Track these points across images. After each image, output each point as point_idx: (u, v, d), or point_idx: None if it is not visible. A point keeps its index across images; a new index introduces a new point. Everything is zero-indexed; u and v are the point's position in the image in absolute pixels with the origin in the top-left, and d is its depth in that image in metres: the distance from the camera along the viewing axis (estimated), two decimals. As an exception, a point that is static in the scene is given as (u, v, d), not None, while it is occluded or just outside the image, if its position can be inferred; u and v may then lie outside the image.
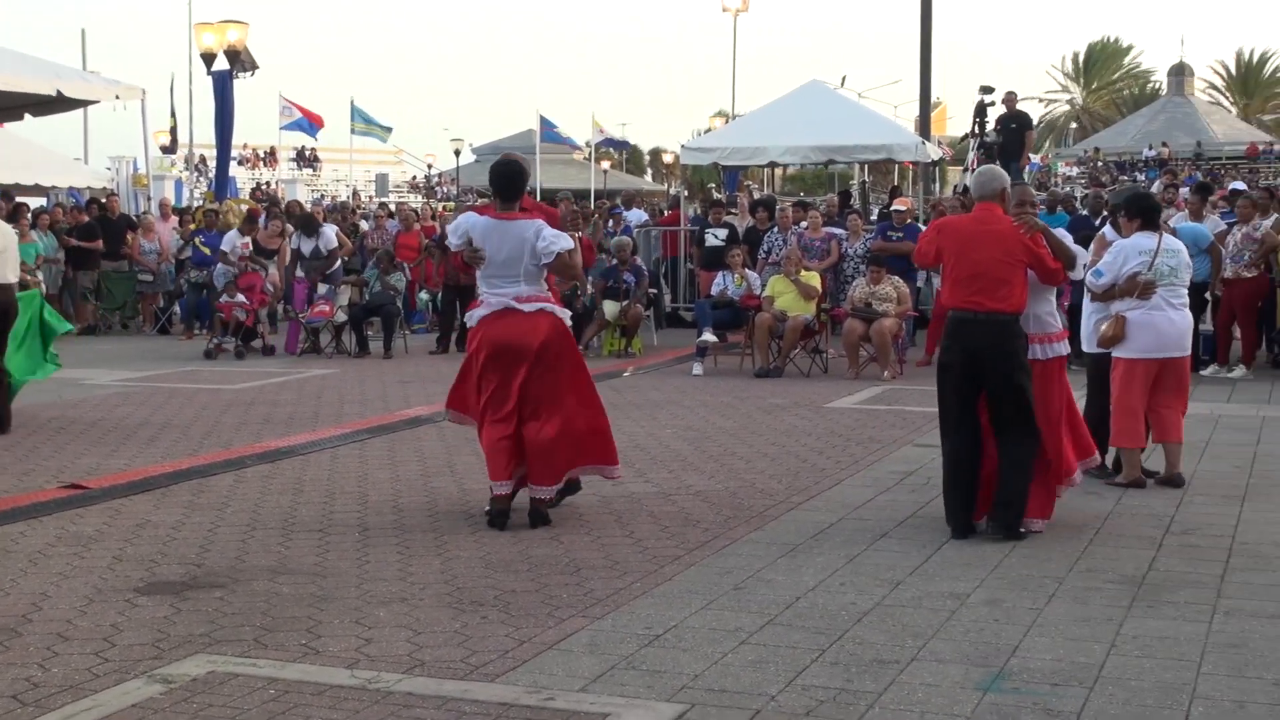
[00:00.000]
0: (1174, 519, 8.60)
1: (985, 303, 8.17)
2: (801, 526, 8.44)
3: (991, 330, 8.17)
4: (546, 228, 8.51)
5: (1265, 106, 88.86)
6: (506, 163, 8.76)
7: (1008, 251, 8.23)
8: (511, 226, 8.49)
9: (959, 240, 8.39)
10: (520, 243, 8.46)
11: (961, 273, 8.29)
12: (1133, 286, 9.46)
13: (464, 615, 6.58)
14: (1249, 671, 5.74)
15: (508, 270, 8.50)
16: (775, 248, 18.67)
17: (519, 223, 8.50)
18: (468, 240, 8.58)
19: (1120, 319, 9.50)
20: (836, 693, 5.50)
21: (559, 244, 8.48)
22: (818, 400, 14.10)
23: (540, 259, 8.48)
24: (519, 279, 8.50)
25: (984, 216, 8.44)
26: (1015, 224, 8.30)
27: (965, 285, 8.26)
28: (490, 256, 8.51)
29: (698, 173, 41.47)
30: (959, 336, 8.29)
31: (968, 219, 8.67)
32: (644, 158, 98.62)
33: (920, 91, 28.58)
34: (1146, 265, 9.46)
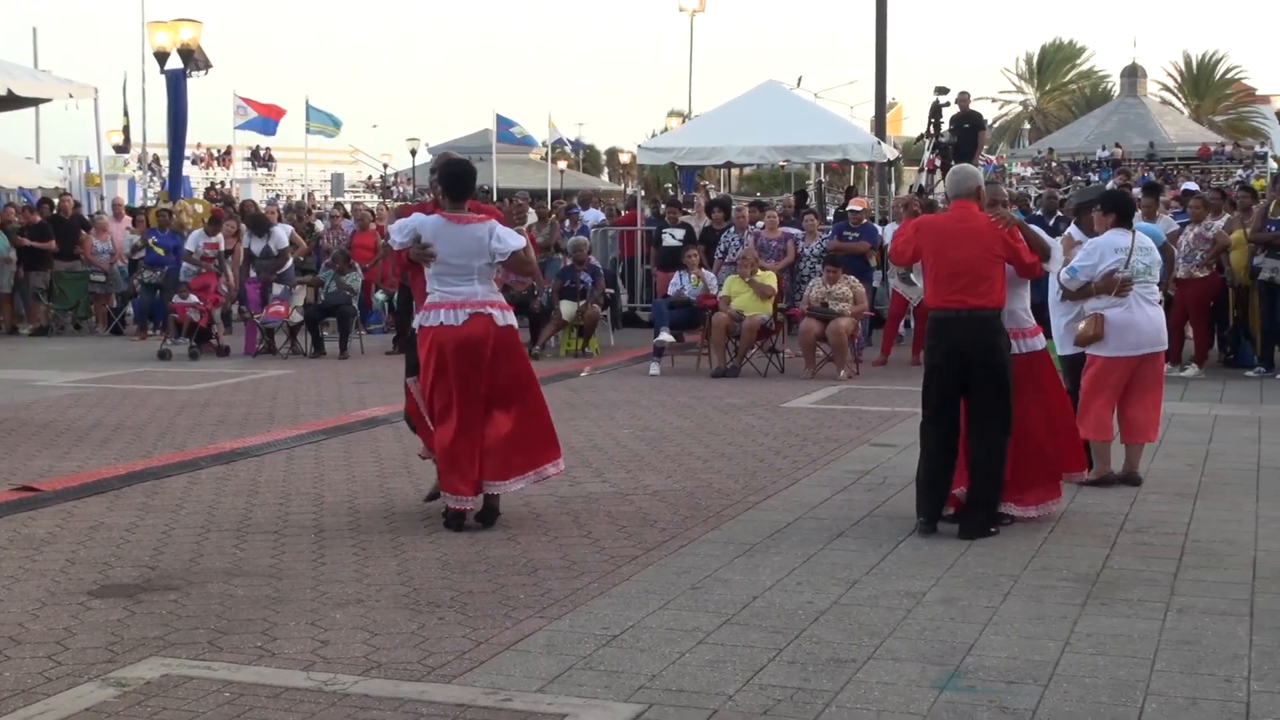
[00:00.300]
0: (1128, 517, 8.66)
1: (968, 300, 8.22)
2: (758, 526, 8.45)
3: (975, 327, 8.22)
4: (500, 227, 8.52)
5: (1217, 108, 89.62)
6: (457, 162, 8.73)
7: (987, 248, 8.28)
8: (466, 227, 8.45)
9: (938, 239, 8.42)
10: (475, 243, 8.43)
11: (942, 271, 8.32)
12: (1110, 284, 9.44)
13: (421, 616, 6.57)
14: (1201, 668, 5.78)
15: (462, 270, 8.46)
16: (732, 248, 18.72)
17: (473, 224, 8.47)
18: (416, 238, 8.49)
19: (1099, 318, 9.47)
20: (794, 692, 5.51)
21: (514, 243, 8.49)
22: (774, 400, 14.13)
23: (495, 258, 8.48)
24: (473, 279, 8.47)
25: (961, 214, 8.49)
26: (992, 219, 8.36)
27: (947, 284, 8.29)
28: (443, 256, 8.44)
29: (654, 173, 41.47)
30: (943, 335, 8.31)
31: (945, 217, 8.68)
32: (601, 158, 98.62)
33: (876, 92, 28.67)
34: (1123, 263, 9.45)
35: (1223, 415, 12.77)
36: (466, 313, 8.42)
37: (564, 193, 48.69)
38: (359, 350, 19.12)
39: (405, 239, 8.54)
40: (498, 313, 8.52)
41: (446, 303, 8.45)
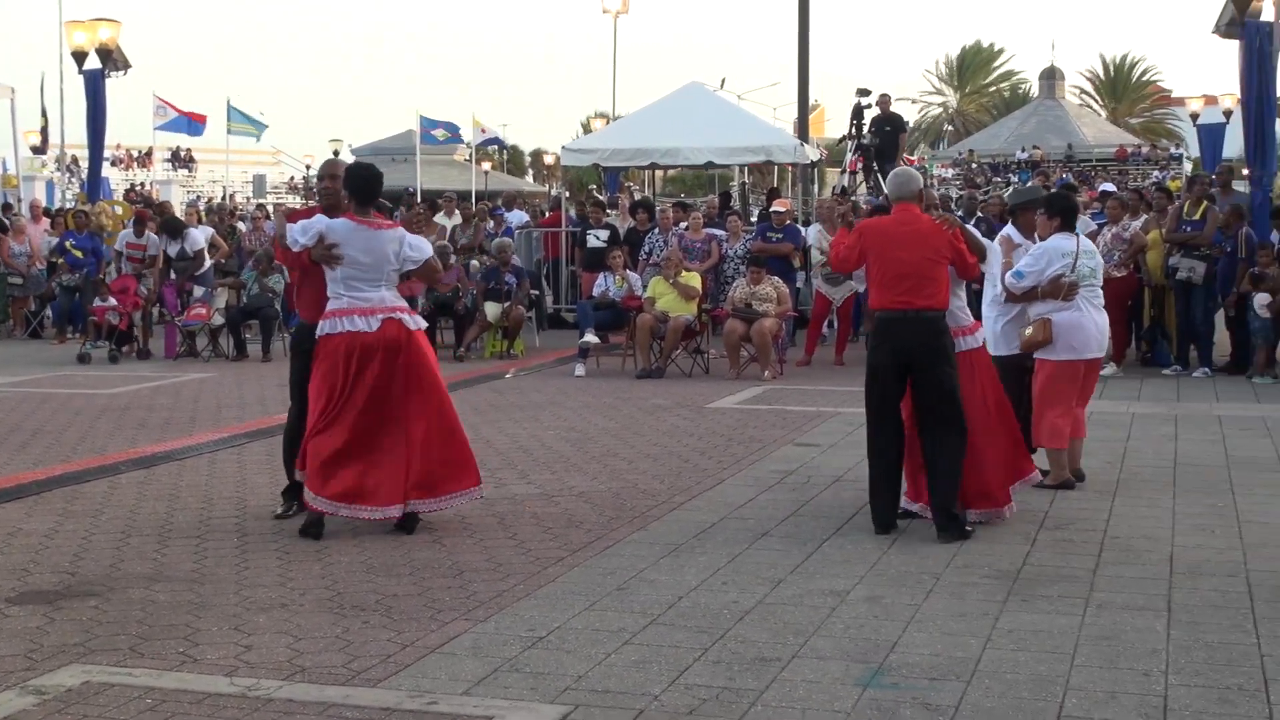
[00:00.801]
0: (1048, 514, 8.76)
1: (914, 301, 8.28)
2: (684, 526, 8.48)
3: (921, 328, 8.29)
4: (410, 235, 8.53)
5: (1133, 110, 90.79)
6: (365, 166, 8.70)
7: (932, 249, 8.38)
8: (378, 233, 8.39)
9: (883, 241, 8.46)
10: (385, 249, 8.38)
11: (888, 273, 8.37)
12: (1057, 289, 9.44)
13: (345, 620, 6.53)
14: (1120, 663, 5.86)
15: (371, 275, 8.37)
16: (656, 249, 18.75)
17: (385, 229, 8.42)
18: (319, 239, 8.38)
19: (1047, 322, 9.44)
20: (719, 691, 5.53)
21: (424, 251, 8.53)
22: (699, 400, 14.17)
23: (405, 265, 8.45)
24: (381, 284, 8.40)
25: (905, 217, 8.55)
26: (936, 221, 8.46)
27: (893, 286, 8.34)
28: (352, 261, 8.35)
29: (578, 174, 41.47)
30: (889, 336, 8.35)
31: (889, 220, 8.67)
32: (525, 159, 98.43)
33: (798, 94, 28.79)
34: (1069, 267, 9.47)
35: (1140, 413, 12.95)
36: (379, 318, 8.34)
37: (488, 194, 48.58)
38: (282, 352, 18.94)
39: (309, 241, 8.41)
40: (408, 318, 8.47)
41: (357, 309, 8.34)
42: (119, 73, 25.78)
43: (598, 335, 17.04)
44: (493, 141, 50.46)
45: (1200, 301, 15.94)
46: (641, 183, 42.67)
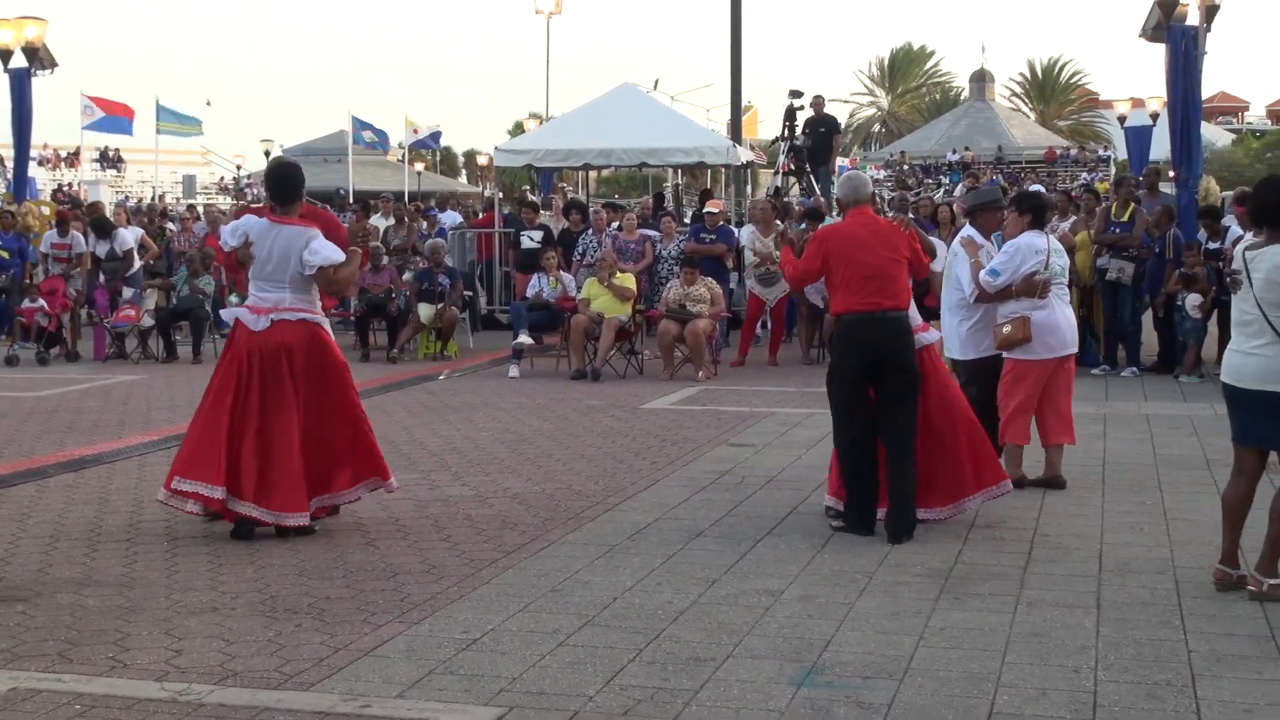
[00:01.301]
0: (979, 513, 8.83)
1: (882, 302, 8.37)
2: (618, 527, 8.48)
3: (890, 328, 8.39)
4: (318, 239, 8.30)
5: (1062, 112, 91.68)
6: (280, 164, 8.68)
7: (894, 250, 8.50)
8: (284, 231, 8.32)
9: (847, 245, 8.48)
10: (289, 249, 8.29)
11: (855, 276, 8.39)
12: (1032, 287, 9.46)
13: (278, 624, 6.49)
14: (1050, 660, 5.92)
15: (276, 276, 8.32)
16: (590, 249, 18.75)
17: (291, 229, 8.32)
18: (245, 241, 8.38)
19: (1025, 320, 9.44)
20: (654, 691, 5.54)
21: (323, 256, 8.26)
22: (633, 401, 14.18)
23: (305, 270, 8.29)
24: (284, 286, 8.31)
25: (864, 219, 8.62)
26: (894, 222, 8.54)
27: (861, 288, 8.37)
28: (260, 259, 8.32)
29: (512, 175, 41.39)
30: (860, 339, 8.38)
31: (850, 224, 8.66)
32: (458, 160, 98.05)
33: (731, 96, 28.86)
34: (1042, 264, 9.49)
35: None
36: (269, 319, 8.26)
37: (421, 195, 48.39)
38: (213, 354, 18.77)
39: (236, 241, 8.41)
40: (306, 321, 8.32)
41: (253, 307, 8.31)
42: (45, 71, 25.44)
43: (532, 336, 17.01)
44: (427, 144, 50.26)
45: (1128, 302, 16.14)
46: (575, 184, 42.61)
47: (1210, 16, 18.57)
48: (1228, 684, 5.60)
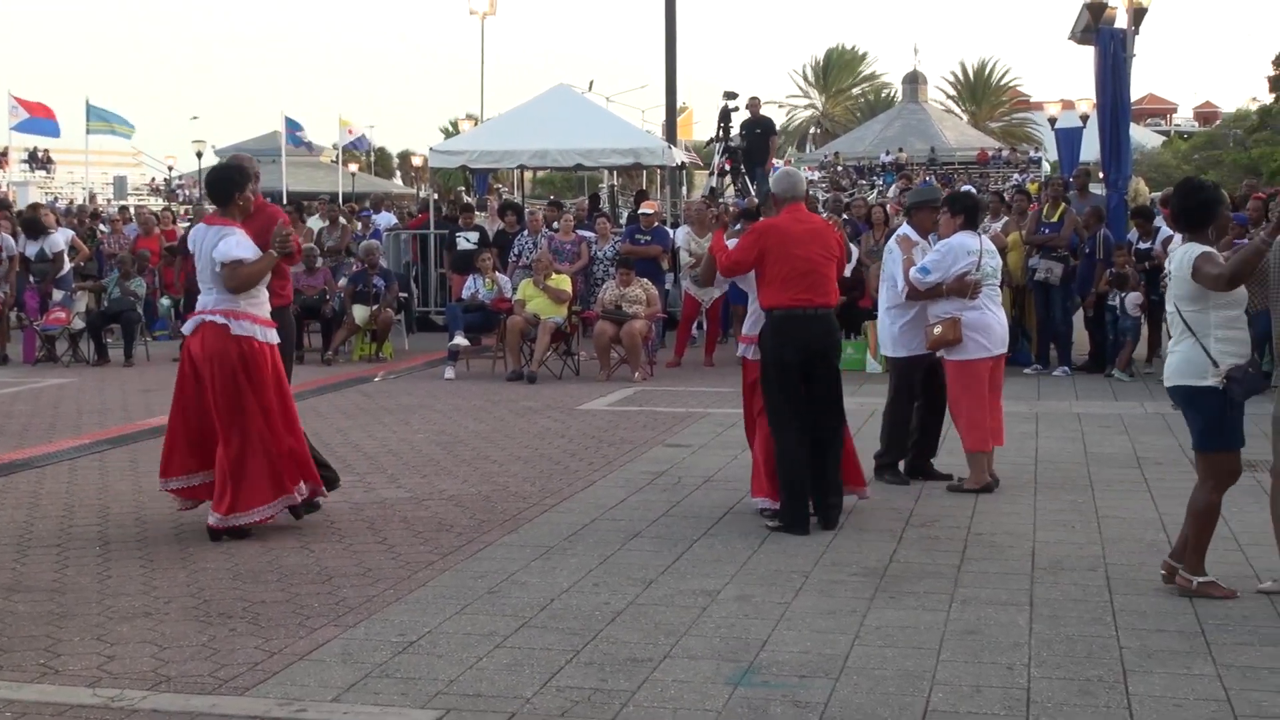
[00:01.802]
0: (914, 512, 8.89)
1: (814, 299, 8.51)
2: (555, 528, 8.48)
3: (823, 324, 8.60)
4: (229, 236, 8.21)
5: (993, 114, 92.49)
6: (215, 167, 8.69)
7: (826, 248, 8.66)
8: (207, 233, 8.33)
9: (784, 240, 8.55)
10: (205, 249, 8.30)
11: (791, 271, 8.49)
12: (964, 287, 9.51)
13: (211, 628, 6.44)
14: (984, 657, 5.97)
15: (204, 278, 8.36)
16: (525, 251, 18.72)
17: (212, 229, 8.31)
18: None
19: (956, 321, 9.50)
20: (591, 693, 5.54)
21: (222, 253, 8.17)
22: (570, 402, 14.17)
23: (215, 266, 8.24)
24: (211, 288, 8.32)
25: (800, 216, 8.75)
26: (828, 221, 8.64)
27: (796, 283, 8.48)
28: (197, 263, 8.42)
29: (446, 176, 41.24)
30: (795, 334, 8.48)
31: (786, 219, 8.73)
32: (393, 160, 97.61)
33: (666, 97, 28.88)
34: (974, 265, 9.55)
35: (1003, 411, 13.14)
36: (194, 322, 8.36)
37: (355, 196, 48.13)
38: (144, 357, 18.63)
39: (192, 247, 8.56)
40: (229, 323, 8.25)
41: (190, 311, 8.42)
42: (-28, 72, 25.15)
43: (467, 338, 16.98)
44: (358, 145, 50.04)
45: (1059, 302, 16.29)
46: (510, 185, 42.53)
47: (1138, 19, 18.75)
48: (1158, 679, 5.67)
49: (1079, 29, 19.36)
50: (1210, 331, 6.82)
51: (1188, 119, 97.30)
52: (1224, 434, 6.89)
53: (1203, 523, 6.93)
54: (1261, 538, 8.09)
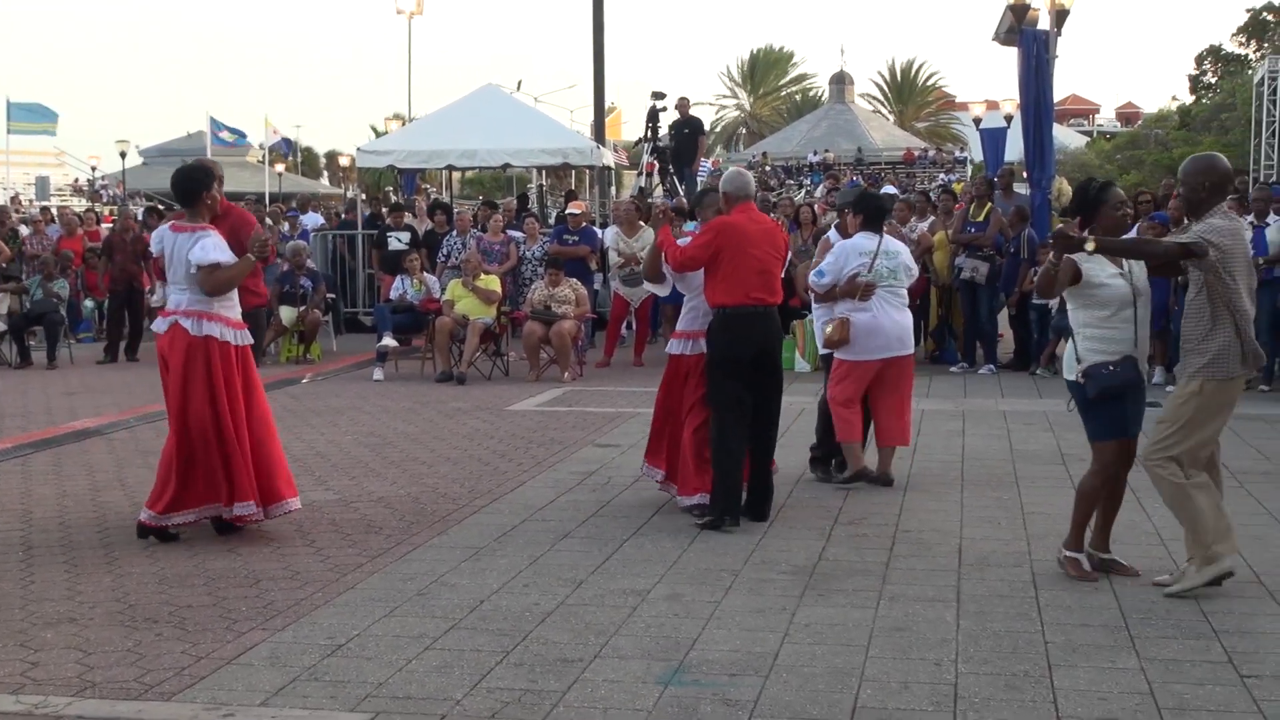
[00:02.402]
0: (842, 510, 8.95)
1: (766, 298, 8.68)
2: (484, 529, 8.46)
3: (772, 323, 8.78)
4: (206, 239, 8.19)
5: (919, 114, 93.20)
6: (182, 168, 8.67)
7: (776, 247, 8.84)
8: (180, 235, 8.31)
9: (740, 239, 8.63)
10: (179, 251, 8.28)
11: (748, 269, 8.60)
12: (853, 288, 9.59)
13: (137, 633, 6.38)
14: (913, 653, 6.02)
15: (177, 279, 8.35)
16: (454, 251, 18.65)
17: (185, 233, 8.30)
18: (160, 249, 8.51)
19: (845, 321, 9.58)
20: (521, 694, 5.54)
21: (200, 255, 8.16)
22: (499, 403, 14.14)
23: (191, 269, 8.23)
24: (185, 289, 8.31)
25: (753, 215, 8.88)
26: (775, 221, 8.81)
27: (750, 282, 8.60)
28: (167, 265, 8.40)
29: (374, 176, 41.00)
30: (746, 331, 8.60)
31: (741, 219, 8.78)
32: (320, 160, 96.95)
33: (594, 97, 28.89)
34: (866, 266, 9.58)
35: (929, 410, 13.28)
36: (168, 322, 8.32)
37: (282, 196, 47.78)
38: (68, 360, 18.41)
39: (155, 249, 8.57)
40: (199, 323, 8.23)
41: (165, 310, 8.43)
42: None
43: (396, 339, 16.90)
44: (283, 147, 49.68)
45: (984, 301, 16.44)
46: (439, 185, 42.38)
47: (1060, 21, 18.99)
48: (1083, 673, 5.74)
49: (1003, 30, 19.57)
50: (1080, 329, 7.19)
51: (1110, 119, 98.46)
52: (1097, 424, 7.19)
53: (1080, 503, 7.30)
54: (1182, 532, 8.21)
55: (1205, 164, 7.04)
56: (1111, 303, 7.07)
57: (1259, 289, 14.21)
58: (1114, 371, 7.03)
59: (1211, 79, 45.97)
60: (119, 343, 18.82)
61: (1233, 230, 6.82)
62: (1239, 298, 6.77)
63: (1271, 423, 12.38)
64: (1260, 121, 28.16)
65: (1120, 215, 7.16)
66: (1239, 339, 6.77)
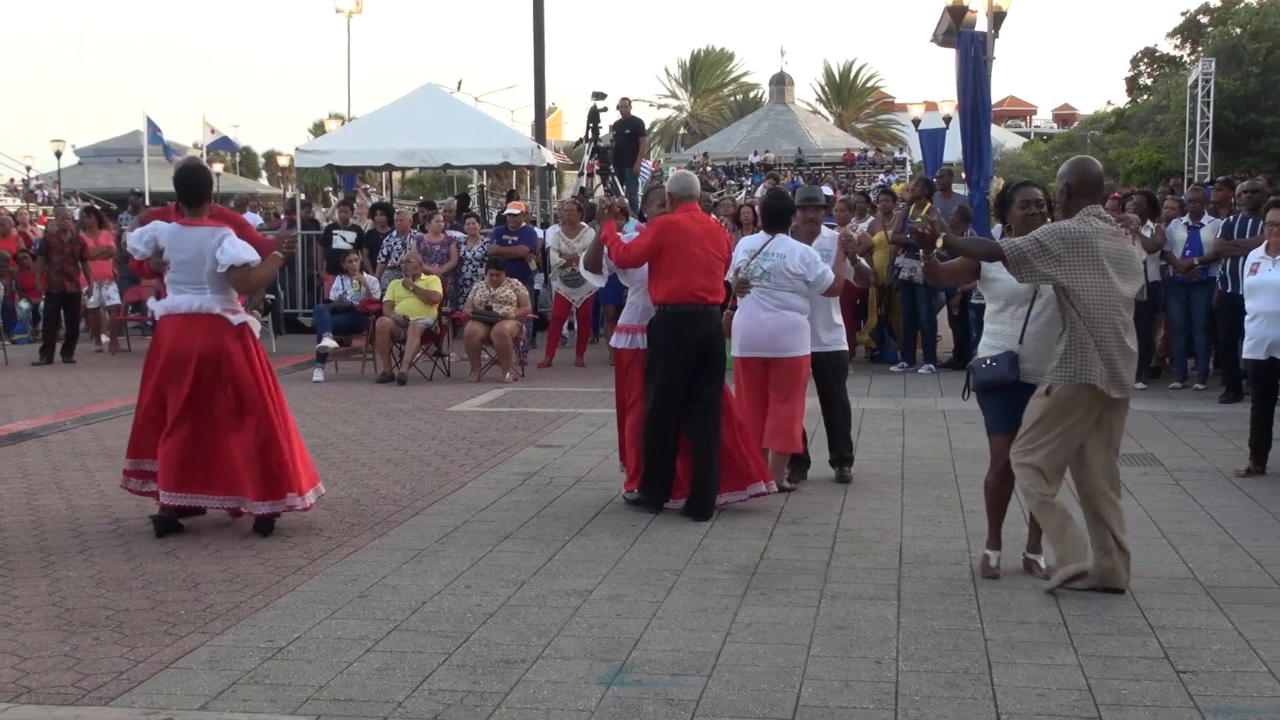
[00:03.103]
0: (784, 509, 8.98)
1: (707, 296, 8.85)
2: (426, 531, 8.43)
3: (713, 321, 8.93)
4: (230, 237, 8.35)
5: (859, 115, 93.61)
6: (191, 167, 8.79)
7: (719, 247, 9.01)
8: (195, 232, 8.34)
9: (684, 237, 8.80)
10: (201, 249, 8.30)
11: (691, 267, 8.78)
12: (736, 284, 9.65)
13: (75, 637, 6.31)
14: (854, 651, 6.05)
15: (192, 276, 8.34)
16: (394, 251, 18.58)
17: (203, 229, 8.34)
18: (156, 247, 8.43)
19: (727, 317, 9.62)
20: (464, 695, 5.52)
21: (232, 255, 8.29)
22: (440, 404, 14.10)
23: (219, 268, 8.32)
24: (204, 286, 8.34)
25: (697, 215, 9.03)
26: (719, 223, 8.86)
27: (694, 280, 8.79)
28: (175, 263, 8.36)
29: (313, 175, 40.77)
30: (688, 328, 8.77)
31: (684, 218, 8.95)
32: (258, 160, 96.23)
33: (535, 97, 28.84)
34: (745, 263, 9.55)
35: (870, 409, 13.36)
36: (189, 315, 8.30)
37: (220, 196, 47.41)
38: (3, 361, 18.20)
39: (145, 249, 8.48)
40: (225, 319, 8.37)
41: (172, 309, 8.36)
42: None
43: (336, 339, 16.82)
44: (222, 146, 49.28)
45: (924, 300, 16.55)
46: (379, 185, 42.18)
47: (998, 23, 19.16)
48: (1022, 670, 5.79)
49: (941, 32, 19.72)
50: (985, 325, 7.40)
51: (1047, 120, 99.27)
52: (986, 417, 7.39)
53: (986, 499, 7.47)
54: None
55: (1070, 166, 7.13)
56: (1001, 297, 7.21)
57: (1193, 288, 14.60)
58: (990, 367, 7.16)
59: (1147, 80, 46.42)
60: (55, 345, 18.63)
61: (1078, 234, 6.76)
62: (1078, 302, 6.74)
63: (1206, 420, 12.52)
64: (1194, 123, 28.46)
65: (1025, 214, 7.23)
66: (1093, 344, 6.75)
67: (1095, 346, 6.75)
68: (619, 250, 8.99)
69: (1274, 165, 33.70)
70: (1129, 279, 6.91)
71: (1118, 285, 6.81)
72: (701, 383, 8.80)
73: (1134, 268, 7.01)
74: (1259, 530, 8.34)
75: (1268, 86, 34.80)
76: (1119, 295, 6.82)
